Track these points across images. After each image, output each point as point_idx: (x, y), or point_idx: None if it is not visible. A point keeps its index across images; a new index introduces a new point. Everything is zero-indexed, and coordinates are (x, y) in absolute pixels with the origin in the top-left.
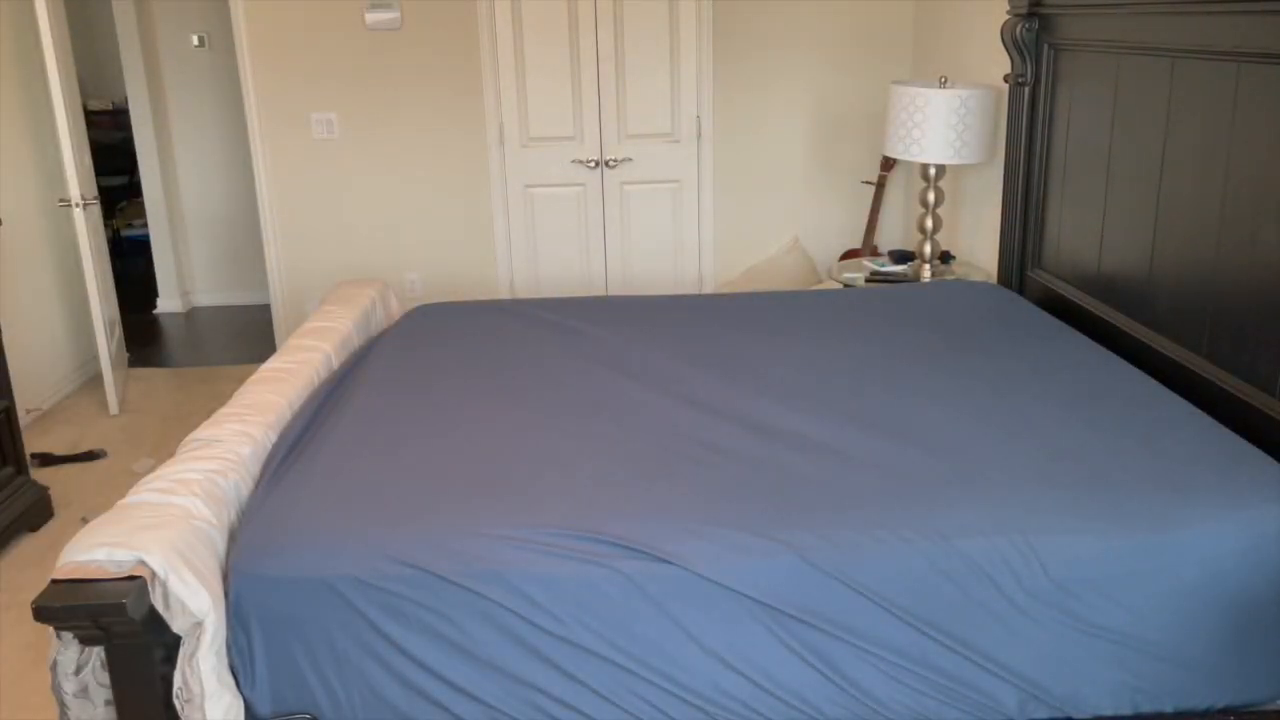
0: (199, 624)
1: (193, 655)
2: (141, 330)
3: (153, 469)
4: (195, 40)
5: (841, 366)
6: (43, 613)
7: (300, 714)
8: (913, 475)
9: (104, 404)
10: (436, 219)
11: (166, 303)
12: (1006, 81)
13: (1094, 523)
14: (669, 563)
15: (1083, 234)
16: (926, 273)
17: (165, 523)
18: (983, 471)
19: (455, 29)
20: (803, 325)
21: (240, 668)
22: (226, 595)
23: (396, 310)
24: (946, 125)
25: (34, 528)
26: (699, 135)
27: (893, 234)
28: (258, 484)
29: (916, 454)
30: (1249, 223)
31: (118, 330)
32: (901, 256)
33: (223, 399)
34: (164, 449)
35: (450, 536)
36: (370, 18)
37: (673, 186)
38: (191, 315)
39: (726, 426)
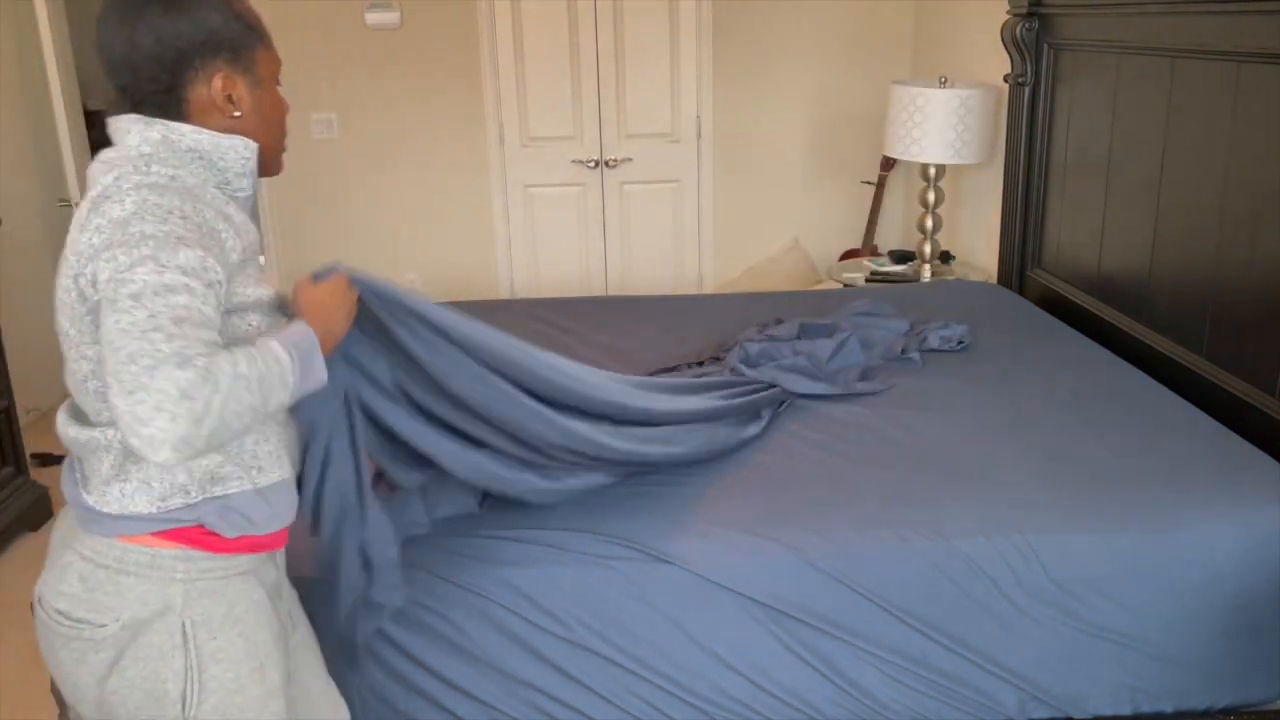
0: None
1: None
2: None
3: None
4: None
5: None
6: None
7: None
8: (913, 475)
9: None
10: (436, 219)
11: None
12: (1006, 81)
13: (1094, 523)
14: (669, 563)
15: (1083, 234)
16: (926, 273)
17: None
18: (983, 471)
19: (455, 29)
20: None
21: None
22: None
23: None
24: (946, 125)
25: (34, 528)
26: (699, 135)
27: (893, 234)
28: None
29: (916, 454)
30: (1249, 223)
31: None
32: (901, 256)
33: None
34: None
35: (450, 536)
36: (370, 18)
37: (673, 186)
38: None
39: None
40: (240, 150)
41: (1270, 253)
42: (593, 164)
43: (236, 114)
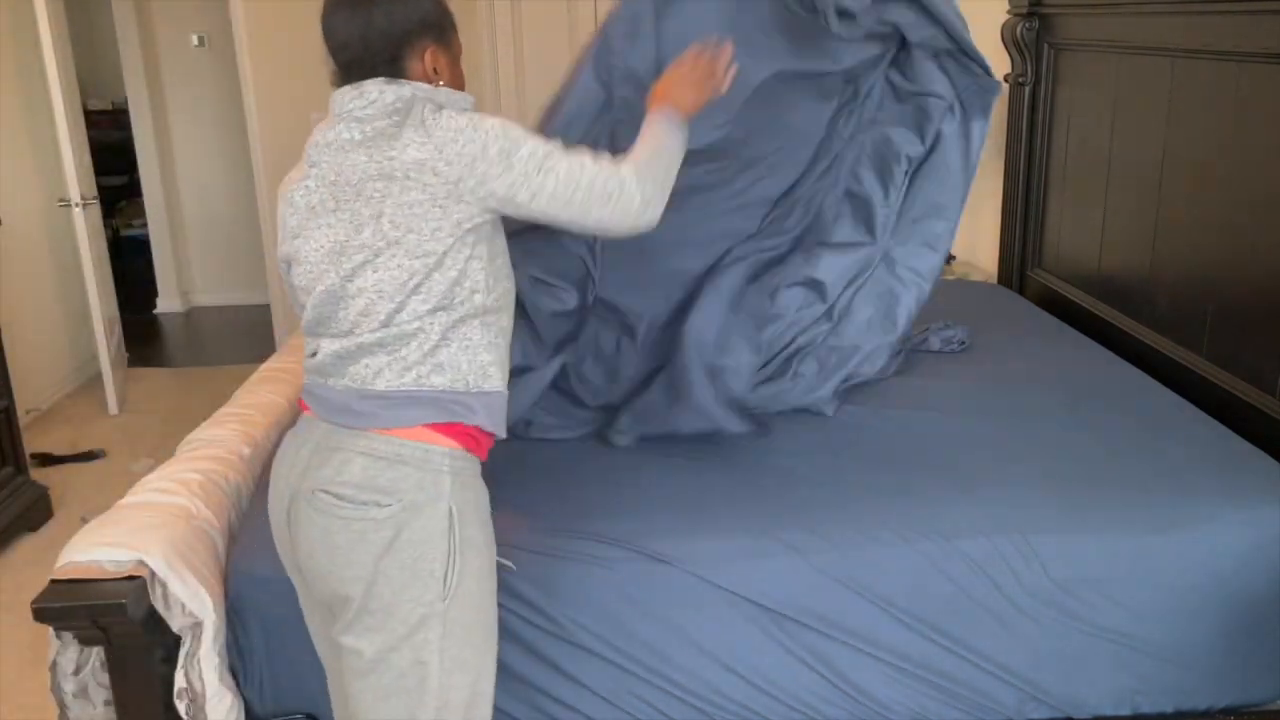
0: (199, 624)
1: (194, 655)
2: (141, 330)
3: (152, 469)
4: (195, 40)
5: None
6: (42, 613)
7: (300, 714)
8: (913, 475)
9: (103, 404)
10: None
11: (166, 303)
12: (1007, 81)
13: (1094, 523)
14: (668, 564)
15: (1083, 234)
16: None
17: (165, 523)
18: (983, 471)
19: None
20: None
21: (240, 667)
22: (226, 595)
23: None
24: None
25: (34, 528)
26: None
27: None
28: (258, 484)
29: (917, 454)
30: (1249, 223)
31: (117, 330)
32: None
33: (223, 399)
34: (164, 449)
35: None
36: None
37: None
38: (191, 315)
39: None
40: (463, 102)
41: (1270, 253)
42: None
43: (441, 82)
